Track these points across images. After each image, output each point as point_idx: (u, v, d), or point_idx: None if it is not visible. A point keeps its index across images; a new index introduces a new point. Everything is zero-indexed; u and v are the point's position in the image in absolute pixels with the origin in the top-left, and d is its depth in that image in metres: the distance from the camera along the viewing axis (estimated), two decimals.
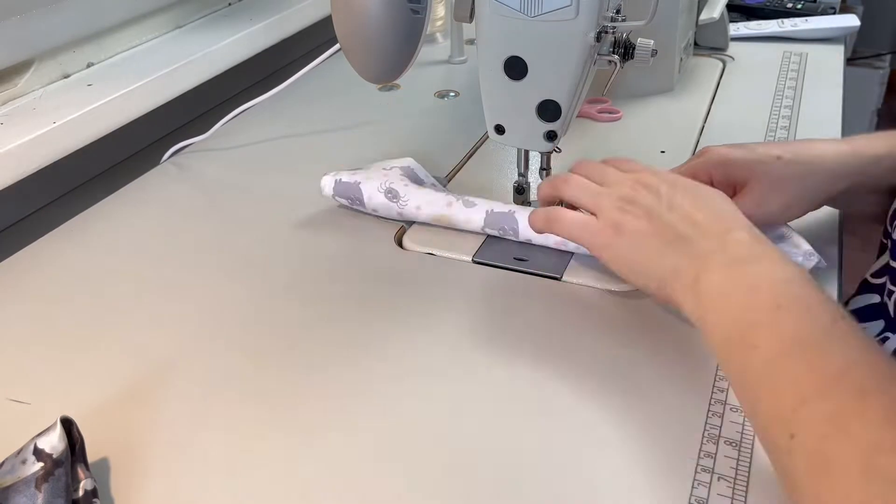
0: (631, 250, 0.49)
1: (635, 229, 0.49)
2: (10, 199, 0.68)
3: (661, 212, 0.49)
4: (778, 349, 0.39)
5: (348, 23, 0.58)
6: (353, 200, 0.64)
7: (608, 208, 0.50)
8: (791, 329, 0.39)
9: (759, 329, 0.40)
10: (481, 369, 0.49)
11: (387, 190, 0.62)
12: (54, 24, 0.75)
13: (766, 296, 0.41)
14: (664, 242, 0.48)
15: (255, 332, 0.54)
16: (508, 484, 0.42)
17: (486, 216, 0.60)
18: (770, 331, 0.40)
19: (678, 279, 0.46)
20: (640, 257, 0.49)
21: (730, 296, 0.43)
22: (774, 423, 0.37)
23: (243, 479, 0.43)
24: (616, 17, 0.53)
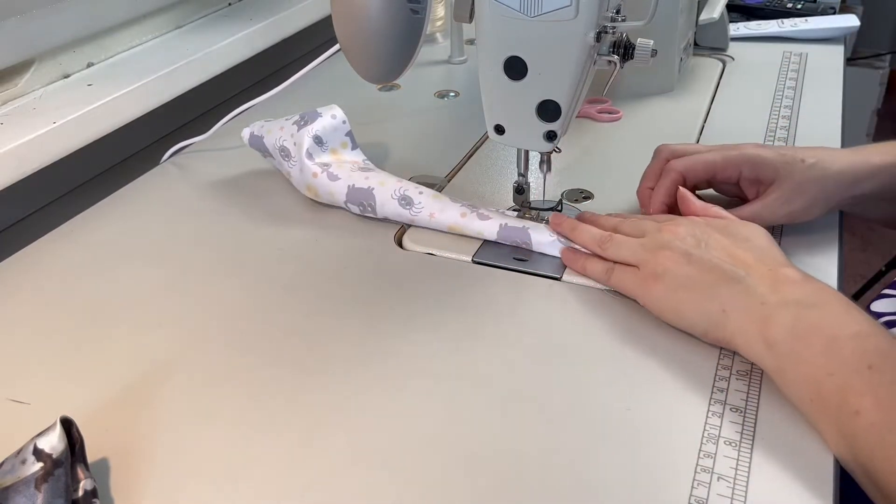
0: (672, 294, 0.49)
1: (676, 272, 0.49)
2: (10, 199, 0.68)
3: (701, 253, 0.49)
4: (883, 418, 0.39)
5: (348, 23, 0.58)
6: (364, 207, 0.64)
7: (646, 258, 0.51)
8: (889, 394, 0.39)
9: (855, 393, 0.40)
10: (481, 369, 0.49)
11: (401, 197, 0.62)
12: (54, 24, 0.75)
13: (849, 352, 0.41)
14: (709, 284, 0.48)
15: (254, 332, 0.54)
16: (508, 484, 0.42)
17: (500, 230, 0.60)
18: (870, 398, 0.39)
19: (731, 321, 0.46)
20: (685, 299, 0.49)
21: (808, 349, 0.43)
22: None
23: (243, 479, 0.43)
24: (616, 17, 0.53)
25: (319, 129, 0.66)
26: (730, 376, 0.47)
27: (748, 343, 0.46)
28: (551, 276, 0.57)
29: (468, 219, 0.61)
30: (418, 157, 0.76)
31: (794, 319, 0.44)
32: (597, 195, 0.67)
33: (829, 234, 0.60)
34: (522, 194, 0.63)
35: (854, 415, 0.40)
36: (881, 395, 0.39)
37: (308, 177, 0.65)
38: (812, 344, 0.42)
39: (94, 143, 0.73)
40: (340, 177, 0.64)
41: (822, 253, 0.58)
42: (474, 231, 0.61)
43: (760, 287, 0.46)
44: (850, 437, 0.40)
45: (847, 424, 0.40)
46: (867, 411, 0.39)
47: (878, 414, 0.39)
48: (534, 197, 0.64)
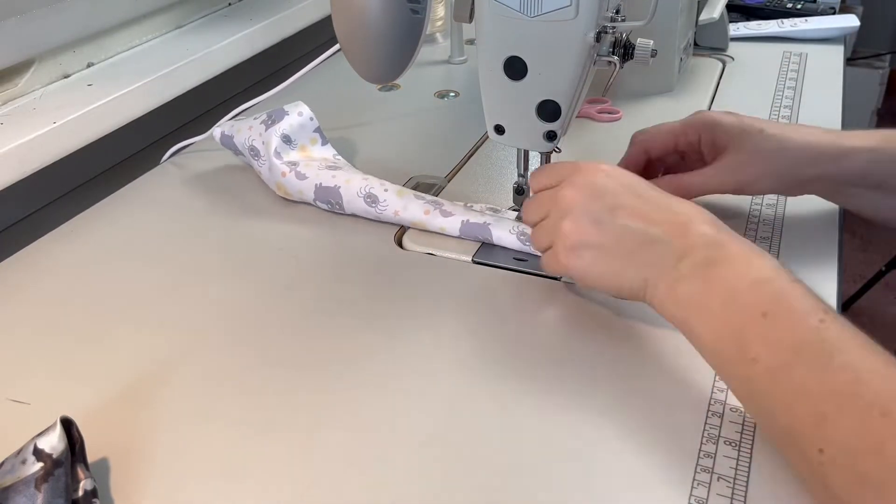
0: (593, 266, 0.49)
1: (587, 245, 0.48)
2: (10, 199, 0.68)
3: (609, 219, 0.47)
4: (777, 361, 0.39)
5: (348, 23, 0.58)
6: (332, 205, 0.65)
7: (556, 238, 0.50)
8: (783, 337, 0.39)
9: (751, 341, 0.40)
10: (481, 369, 0.49)
11: (366, 195, 0.63)
12: (54, 24, 0.75)
13: (745, 301, 0.41)
14: (626, 251, 0.47)
15: (254, 332, 0.54)
16: (508, 483, 0.42)
17: (462, 226, 0.61)
18: (763, 342, 0.40)
19: (650, 288, 0.46)
20: (605, 271, 0.48)
21: (709, 303, 0.43)
22: (798, 438, 0.37)
23: (243, 479, 0.43)
24: (616, 17, 0.53)
25: (286, 127, 0.67)
26: None
27: (662, 306, 0.46)
28: (551, 276, 0.57)
29: (431, 215, 0.62)
30: (418, 157, 0.76)
31: (702, 280, 0.44)
32: None
33: (829, 234, 0.60)
34: (522, 195, 0.63)
35: (752, 362, 0.40)
36: (772, 340, 0.39)
37: (277, 175, 0.66)
38: (713, 298, 0.43)
39: (94, 143, 0.73)
40: (308, 175, 0.65)
41: (822, 253, 0.58)
42: (437, 227, 0.62)
43: (673, 251, 0.45)
44: (748, 383, 0.41)
45: (745, 371, 0.40)
46: (763, 357, 0.39)
47: (773, 358, 0.39)
48: None
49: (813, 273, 0.56)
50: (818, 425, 0.36)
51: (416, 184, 0.71)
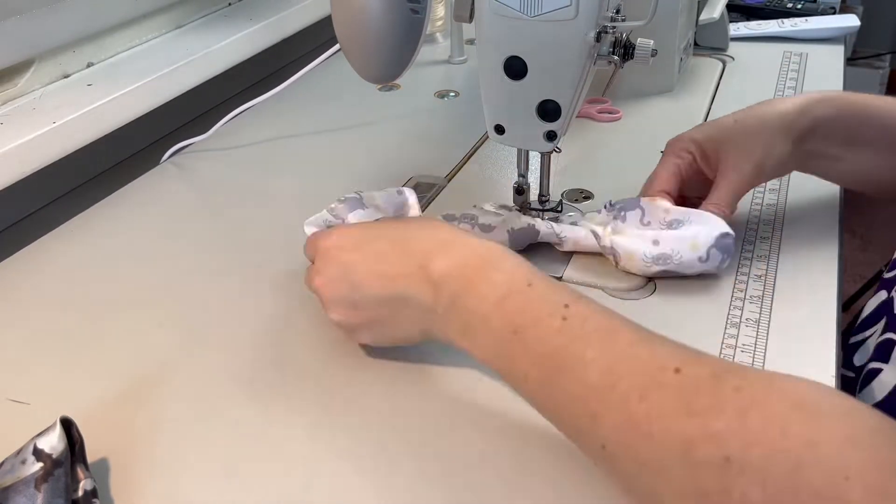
0: (380, 339, 0.49)
1: (362, 328, 0.48)
2: (10, 199, 0.68)
3: (359, 297, 0.47)
4: (542, 375, 0.39)
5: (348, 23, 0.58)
6: None
7: (334, 321, 0.49)
8: (537, 351, 0.40)
9: (515, 360, 0.41)
10: (481, 369, 0.49)
11: None
12: (54, 24, 0.75)
13: (498, 324, 0.41)
14: (391, 321, 0.47)
15: (254, 332, 0.54)
16: (509, 483, 0.42)
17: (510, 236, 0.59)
18: (525, 360, 0.40)
19: (434, 336, 0.46)
20: (392, 339, 0.49)
21: (474, 338, 0.43)
22: (583, 437, 0.38)
23: (243, 480, 0.43)
24: (616, 17, 0.53)
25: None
26: None
27: (450, 344, 0.45)
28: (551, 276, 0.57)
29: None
30: (418, 157, 0.76)
31: (456, 316, 0.43)
32: (597, 195, 0.67)
33: (829, 234, 0.60)
34: (522, 195, 0.62)
35: (524, 380, 0.40)
36: (530, 356, 0.40)
37: None
38: (475, 332, 0.43)
39: (94, 143, 0.73)
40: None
41: (822, 253, 0.58)
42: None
43: (425, 296, 0.45)
44: (530, 398, 0.41)
45: (525, 389, 0.41)
46: (530, 374, 0.40)
47: (537, 373, 0.39)
48: (534, 197, 0.64)
49: (813, 273, 0.56)
50: (594, 424, 0.37)
51: (416, 184, 0.71)
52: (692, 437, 0.33)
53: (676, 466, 0.33)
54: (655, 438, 0.34)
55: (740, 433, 0.32)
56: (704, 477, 0.32)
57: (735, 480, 0.31)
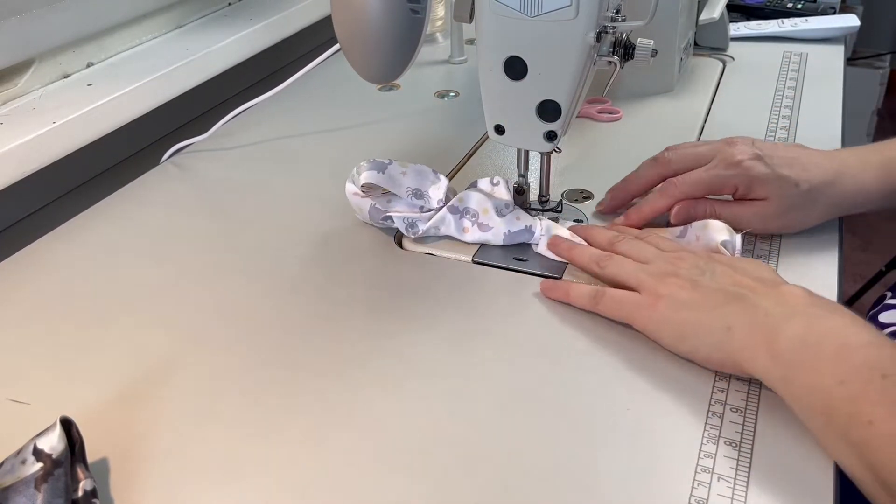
0: (676, 314, 0.48)
1: (680, 295, 0.48)
2: (10, 199, 0.68)
3: (705, 280, 0.49)
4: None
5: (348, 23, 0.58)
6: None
7: (649, 281, 0.50)
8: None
9: (868, 403, 0.39)
10: (481, 369, 0.49)
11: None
12: (54, 24, 0.75)
13: (861, 360, 0.40)
14: (713, 304, 0.47)
15: (254, 332, 0.54)
16: (508, 484, 0.42)
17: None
18: (885, 407, 0.38)
19: (736, 338, 0.45)
20: (687, 319, 0.47)
21: (817, 357, 0.41)
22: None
23: (243, 480, 0.43)
24: (616, 17, 0.53)
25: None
26: (730, 377, 0.47)
27: (753, 356, 0.44)
28: (551, 276, 0.57)
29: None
30: (418, 157, 0.76)
31: (802, 329, 0.43)
32: (597, 195, 0.67)
33: (829, 234, 0.60)
34: (522, 195, 0.63)
35: (867, 425, 0.38)
36: (893, 404, 0.38)
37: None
38: (822, 352, 0.41)
39: (94, 143, 0.73)
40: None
41: (822, 253, 0.58)
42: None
43: (765, 302, 0.45)
44: (861, 447, 0.39)
45: (858, 435, 0.39)
46: (882, 421, 0.38)
47: (892, 423, 0.38)
48: (533, 197, 0.64)
49: (813, 273, 0.56)
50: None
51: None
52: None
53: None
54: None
55: None
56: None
57: None
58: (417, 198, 0.61)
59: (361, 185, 0.60)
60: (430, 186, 0.61)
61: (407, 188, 0.60)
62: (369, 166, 0.60)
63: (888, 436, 0.38)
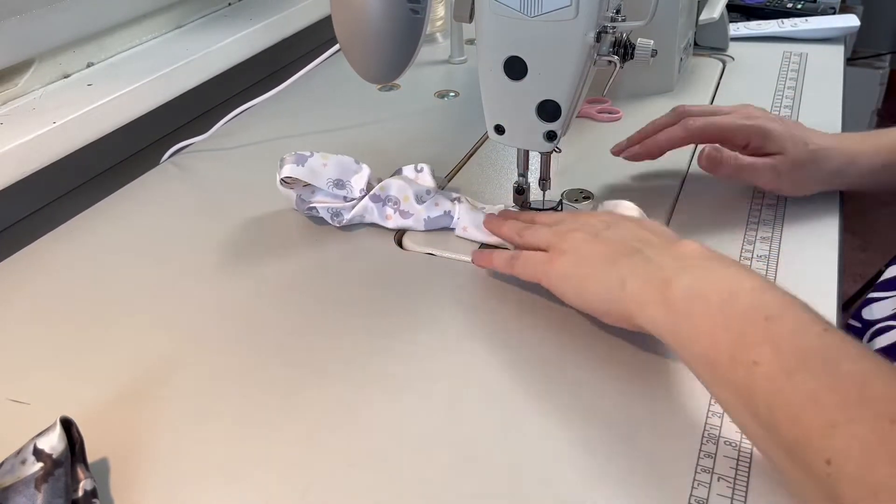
0: (574, 268, 0.49)
1: (580, 249, 0.50)
2: (10, 199, 0.68)
3: (608, 233, 0.50)
4: (782, 366, 0.37)
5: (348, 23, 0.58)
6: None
7: (556, 239, 0.52)
8: (788, 342, 0.38)
9: (752, 344, 0.38)
10: (481, 369, 0.49)
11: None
12: (54, 24, 0.75)
13: (746, 305, 0.40)
14: (608, 257, 0.48)
15: (254, 332, 0.54)
16: (508, 484, 0.42)
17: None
18: (767, 346, 0.38)
19: (629, 290, 0.45)
20: (585, 273, 0.49)
21: (706, 302, 0.41)
22: (803, 449, 0.35)
23: (243, 480, 0.43)
24: (616, 17, 0.53)
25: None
26: None
27: (644, 309, 0.44)
28: None
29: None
30: (418, 157, 0.76)
31: (691, 280, 0.43)
32: (597, 195, 0.67)
33: (829, 234, 0.60)
34: (522, 194, 0.63)
35: (752, 365, 0.38)
36: (781, 344, 0.38)
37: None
38: (710, 301, 0.41)
39: (94, 143, 0.73)
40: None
41: (822, 253, 0.58)
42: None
43: (659, 257, 0.46)
44: (745, 388, 0.38)
45: (743, 376, 0.38)
46: (766, 361, 0.37)
47: (777, 362, 0.37)
48: (534, 197, 0.64)
49: (813, 273, 0.56)
50: (826, 435, 0.34)
51: None
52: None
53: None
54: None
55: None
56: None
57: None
58: (339, 188, 0.63)
59: (283, 178, 0.62)
60: (352, 176, 0.63)
61: (328, 179, 0.62)
62: (291, 159, 0.62)
63: (770, 374, 0.37)
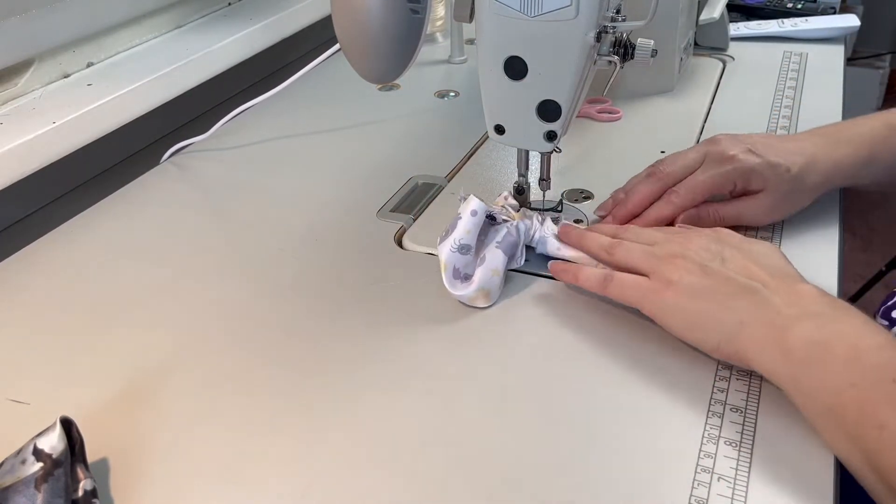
0: (686, 303, 0.47)
1: (691, 282, 0.48)
2: (10, 199, 0.68)
3: (716, 265, 0.48)
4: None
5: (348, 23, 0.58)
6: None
7: (659, 266, 0.50)
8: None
9: (880, 406, 0.38)
10: (481, 369, 0.49)
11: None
12: (54, 24, 0.75)
13: (873, 363, 0.40)
14: (725, 295, 0.46)
15: (254, 332, 0.54)
16: (507, 484, 0.42)
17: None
18: (894, 409, 0.38)
19: (747, 332, 0.45)
20: (699, 309, 0.47)
21: (828, 358, 0.41)
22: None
23: (243, 479, 0.43)
24: (616, 17, 0.53)
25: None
26: (730, 376, 0.47)
27: (762, 353, 0.44)
28: (551, 277, 0.57)
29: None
30: (418, 157, 0.76)
31: (813, 329, 0.42)
32: (597, 195, 0.67)
33: (830, 234, 0.60)
34: (523, 194, 0.63)
35: (878, 428, 0.38)
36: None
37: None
38: (833, 353, 0.41)
39: (94, 143, 0.73)
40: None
41: (822, 253, 0.58)
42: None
43: (777, 299, 0.45)
44: (871, 451, 0.38)
45: (868, 438, 0.38)
46: (893, 425, 0.37)
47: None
48: (534, 197, 0.64)
49: (813, 273, 0.56)
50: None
51: (416, 184, 0.71)
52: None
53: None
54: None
55: None
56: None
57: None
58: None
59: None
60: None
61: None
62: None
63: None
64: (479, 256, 0.56)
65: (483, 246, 0.56)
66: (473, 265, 0.55)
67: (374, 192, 0.69)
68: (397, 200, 0.69)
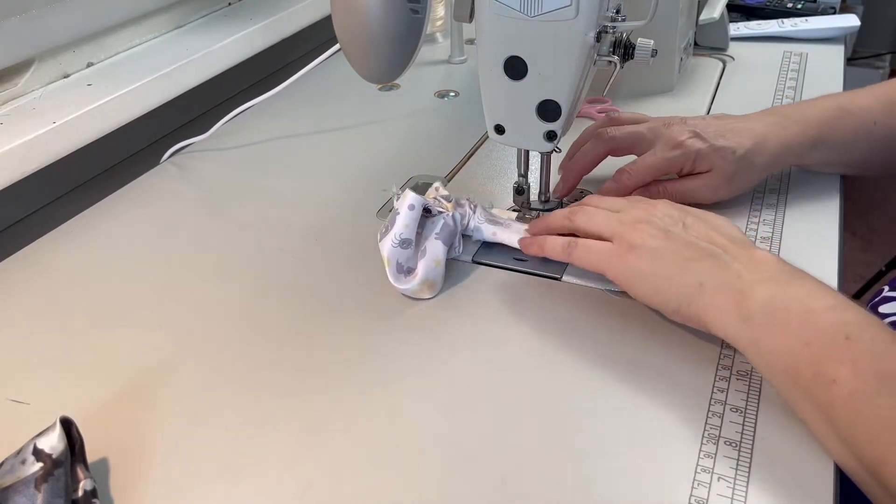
0: (649, 266, 0.49)
1: (652, 246, 0.49)
2: (10, 199, 0.68)
3: (678, 230, 0.49)
4: (861, 386, 0.38)
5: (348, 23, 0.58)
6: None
7: (622, 230, 0.51)
8: (867, 363, 0.39)
9: (832, 362, 0.40)
10: (481, 369, 0.49)
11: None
12: (54, 24, 0.75)
13: (826, 323, 0.41)
14: (685, 258, 0.48)
15: (254, 332, 0.54)
16: (507, 483, 0.42)
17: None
18: (848, 366, 0.39)
19: (708, 296, 0.46)
20: (659, 272, 0.48)
21: (784, 320, 0.42)
22: (882, 466, 0.37)
23: (243, 480, 0.43)
24: (616, 17, 0.53)
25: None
26: (730, 376, 0.47)
27: (721, 316, 0.45)
28: (551, 276, 0.57)
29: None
30: (418, 157, 0.76)
31: (771, 294, 0.44)
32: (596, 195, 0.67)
33: (829, 234, 0.60)
34: (522, 195, 0.63)
35: (830, 384, 0.39)
36: (859, 364, 0.39)
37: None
38: (788, 315, 0.42)
39: (94, 143, 0.73)
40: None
41: (822, 253, 0.58)
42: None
43: (737, 265, 0.46)
44: (825, 407, 0.40)
45: (822, 394, 0.40)
46: (844, 380, 0.39)
47: (856, 382, 0.38)
48: (534, 197, 0.64)
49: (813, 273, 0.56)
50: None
51: (416, 184, 0.71)
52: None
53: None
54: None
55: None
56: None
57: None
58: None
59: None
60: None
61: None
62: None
63: (849, 394, 0.39)
64: (419, 249, 0.57)
65: (423, 238, 0.57)
66: (415, 258, 0.56)
67: (375, 192, 0.69)
68: None
